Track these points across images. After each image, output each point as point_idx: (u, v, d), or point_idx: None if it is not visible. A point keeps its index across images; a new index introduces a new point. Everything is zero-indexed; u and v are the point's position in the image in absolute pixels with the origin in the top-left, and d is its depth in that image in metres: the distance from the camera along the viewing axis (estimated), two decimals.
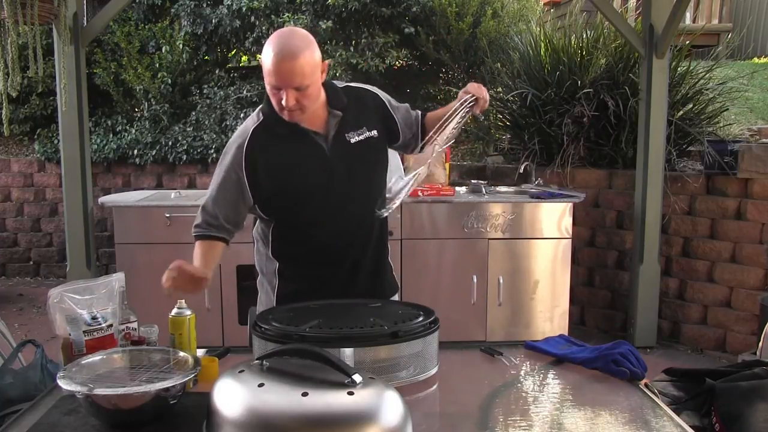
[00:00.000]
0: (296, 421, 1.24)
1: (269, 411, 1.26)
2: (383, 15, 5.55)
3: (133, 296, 2.02)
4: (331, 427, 1.24)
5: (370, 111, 2.05)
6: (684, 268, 4.33)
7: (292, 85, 1.80)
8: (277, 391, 1.31)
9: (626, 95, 4.51)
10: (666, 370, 2.31)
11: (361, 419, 1.25)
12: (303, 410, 1.24)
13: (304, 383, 1.31)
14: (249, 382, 1.34)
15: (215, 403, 1.35)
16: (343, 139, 1.96)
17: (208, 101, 5.75)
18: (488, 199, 4.03)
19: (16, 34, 3.07)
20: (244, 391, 1.32)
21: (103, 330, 1.86)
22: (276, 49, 1.79)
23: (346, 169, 1.97)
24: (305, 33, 1.86)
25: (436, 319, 1.74)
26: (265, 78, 1.83)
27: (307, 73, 1.81)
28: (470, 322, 4.02)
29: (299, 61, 1.79)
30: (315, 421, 1.24)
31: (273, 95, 1.85)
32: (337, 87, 2.03)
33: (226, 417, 1.30)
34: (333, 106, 1.96)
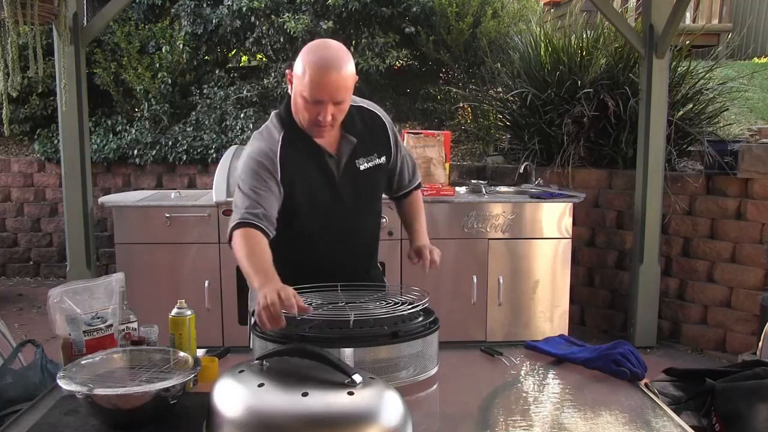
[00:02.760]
0: (296, 421, 1.24)
1: (269, 411, 1.27)
2: (383, 15, 5.55)
3: (133, 296, 2.02)
4: (331, 428, 1.24)
5: (380, 137, 2.03)
6: (684, 268, 4.33)
7: (335, 99, 1.78)
8: (277, 391, 1.31)
9: (626, 95, 4.51)
10: (666, 370, 2.31)
11: (362, 419, 1.25)
12: (303, 410, 1.24)
13: (304, 383, 1.31)
14: (249, 382, 1.34)
15: (215, 403, 1.35)
16: (353, 166, 1.95)
17: (208, 101, 5.75)
18: (488, 199, 4.03)
19: (16, 34, 3.07)
20: (244, 391, 1.32)
21: (103, 330, 1.86)
22: (321, 61, 1.75)
23: (353, 196, 1.97)
24: (341, 45, 1.83)
25: (436, 319, 1.74)
26: (302, 91, 1.78)
27: (348, 87, 1.80)
28: (470, 322, 4.02)
29: (342, 74, 1.76)
30: (315, 421, 1.24)
31: (307, 110, 1.80)
32: (351, 109, 1.96)
33: (226, 417, 1.30)
34: (347, 130, 1.93)
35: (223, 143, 5.54)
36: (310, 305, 1.66)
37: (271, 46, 5.70)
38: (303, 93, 1.78)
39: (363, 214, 2.03)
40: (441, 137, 4.17)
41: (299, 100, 1.81)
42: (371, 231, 2.09)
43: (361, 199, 1.99)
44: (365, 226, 2.05)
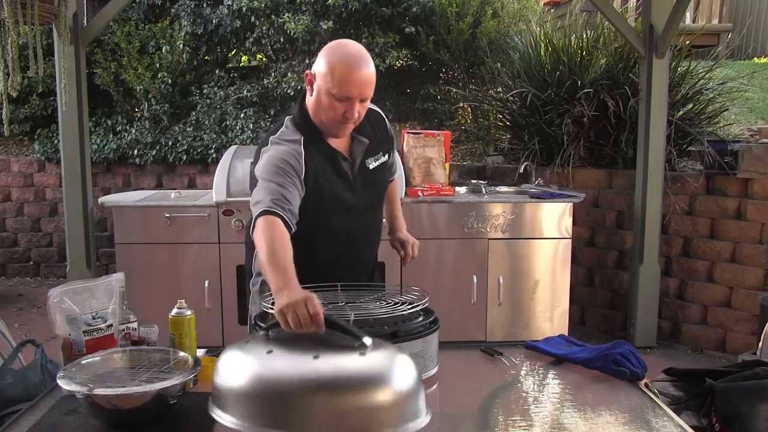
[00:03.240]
0: (310, 384, 1.21)
1: (281, 375, 1.24)
2: (383, 15, 5.55)
3: (133, 296, 2.02)
4: (345, 389, 1.21)
5: (383, 135, 2.08)
6: (684, 268, 4.33)
7: (364, 96, 1.81)
8: (287, 356, 1.29)
9: (626, 95, 4.51)
10: (666, 370, 2.31)
11: (376, 380, 1.24)
12: (315, 373, 1.22)
13: (313, 348, 1.29)
14: (256, 351, 1.31)
15: (221, 374, 1.31)
16: (365, 166, 1.99)
17: (208, 101, 5.75)
18: (488, 199, 4.03)
19: (16, 34, 3.07)
20: (252, 359, 1.29)
21: (103, 330, 1.86)
22: (350, 59, 1.78)
23: (368, 195, 2.02)
24: (360, 45, 1.87)
25: (436, 319, 1.74)
26: (329, 89, 1.78)
27: (374, 84, 1.83)
28: (470, 322, 4.02)
29: (371, 71, 1.81)
30: (328, 384, 1.21)
31: (333, 108, 1.81)
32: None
33: (234, 387, 1.26)
34: (358, 131, 1.95)
35: (223, 143, 5.54)
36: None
37: (271, 46, 5.70)
38: (331, 91, 1.79)
39: (376, 210, 2.09)
40: (441, 137, 4.17)
41: (324, 99, 1.82)
42: (375, 231, 2.14)
43: (374, 197, 2.06)
44: (378, 221, 2.11)
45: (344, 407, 1.21)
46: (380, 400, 1.23)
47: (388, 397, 1.23)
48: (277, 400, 1.22)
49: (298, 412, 1.20)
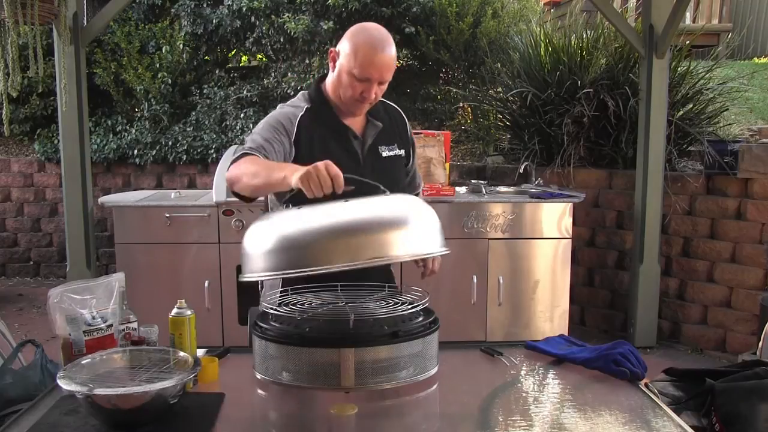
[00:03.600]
0: (352, 222, 1.45)
1: (323, 221, 1.45)
2: (383, 15, 5.55)
3: (133, 296, 2.02)
4: (382, 220, 1.47)
5: (401, 131, 2.12)
6: (684, 268, 4.33)
7: (383, 78, 1.87)
8: (320, 208, 1.49)
9: (626, 95, 4.51)
10: (666, 370, 2.31)
11: (406, 211, 1.53)
12: (353, 213, 1.46)
13: (339, 198, 1.50)
14: (287, 213, 1.54)
15: (257, 238, 1.53)
16: (377, 151, 2.02)
17: (208, 101, 5.75)
18: (488, 199, 4.03)
19: (16, 34, 3.06)
20: (290, 215, 1.52)
21: (103, 330, 1.86)
22: (374, 41, 1.84)
23: (377, 180, 1.97)
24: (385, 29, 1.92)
25: (436, 319, 1.74)
26: (350, 68, 1.85)
27: (393, 68, 1.89)
28: (470, 322, 4.02)
29: (393, 54, 1.87)
30: (366, 221, 1.46)
31: (353, 86, 1.88)
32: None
33: (278, 241, 1.47)
34: (372, 115, 2.01)
35: (223, 143, 5.54)
36: (310, 304, 1.67)
37: (271, 46, 5.70)
38: (352, 70, 1.85)
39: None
40: (441, 137, 4.17)
41: (345, 77, 1.88)
42: None
43: (386, 185, 2.02)
44: None
45: (381, 237, 1.46)
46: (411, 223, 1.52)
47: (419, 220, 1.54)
48: (330, 236, 1.46)
49: (345, 243, 1.45)
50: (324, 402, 1.59)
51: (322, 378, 1.58)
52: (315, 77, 5.47)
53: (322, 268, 1.44)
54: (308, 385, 1.61)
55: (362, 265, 1.46)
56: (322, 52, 5.57)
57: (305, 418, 1.62)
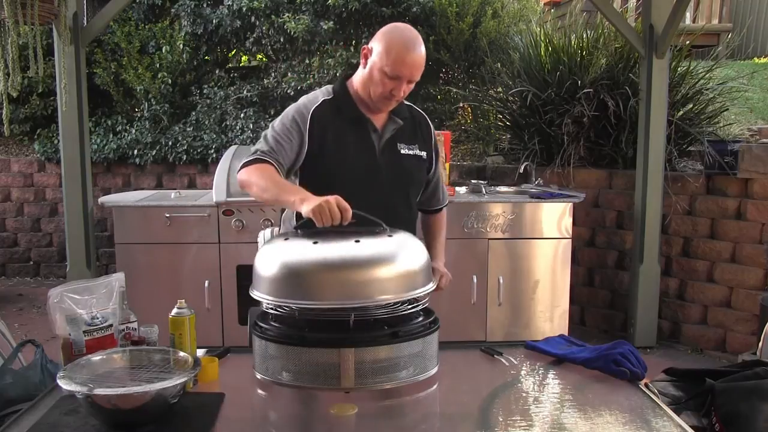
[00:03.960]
0: (364, 259, 1.59)
1: (335, 258, 1.58)
2: (383, 15, 5.55)
3: (133, 296, 2.02)
4: (387, 259, 1.61)
5: (425, 135, 2.16)
6: (684, 268, 4.33)
7: (413, 77, 1.93)
8: (333, 243, 1.61)
9: (626, 95, 4.51)
10: (666, 370, 2.31)
11: (405, 251, 1.67)
12: (364, 253, 1.60)
13: (349, 236, 1.64)
14: (302, 242, 1.64)
15: (269, 263, 1.62)
16: (395, 147, 2.06)
17: (208, 101, 5.75)
18: (488, 199, 4.03)
19: (17, 34, 3.06)
20: (304, 246, 1.62)
21: (103, 330, 1.86)
22: (406, 40, 1.91)
23: (392, 175, 2.05)
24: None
25: (436, 319, 1.74)
26: (382, 66, 1.91)
27: (423, 68, 1.95)
28: (470, 322, 4.02)
29: (423, 54, 1.93)
30: (375, 258, 1.60)
31: (383, 84, 1.93)
32: (402, 102, 2.11)
33: (292, 268, 1.59)
34: (394, 113, 2.06)
35: (223, 143, 5.54)
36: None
37: (271, 46, 5.70)
38: (384, 68, 1.91)
39: (397, 199, 2.09)
40: (441, 137, 4.15)
41: (376, 74, 1.93)
42: (406, 223, 2.07)
43: (398, 183, 2.07)
44: (398, 214, 2.07)
45: (388, 272, 1.60)
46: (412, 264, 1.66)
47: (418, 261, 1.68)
48: (338, 272, 1.59)
49: (350, 278, 1.58)
50: (324, 402, 1.59)
51: (322, 378, 1.58)
52: (314, 76, 5.47)
53: (312, 303, 1.58)
54: (308, 385, 1.61)
55: (350, 304, 1.57)
56: (322, 52, 5.57)
57: (305, 418, 1.62)
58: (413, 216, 2.17)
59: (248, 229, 3.86)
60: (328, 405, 1.56)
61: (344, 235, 1.65)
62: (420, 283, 1.66)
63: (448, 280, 2.17)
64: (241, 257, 3.87)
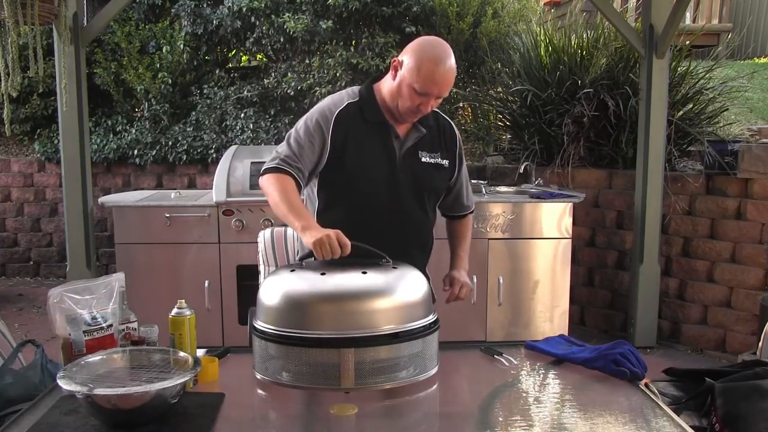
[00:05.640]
0: (370, 289, 1.65)
1: (344, 289, 1.65)
2: (384, 15, 5.55)
3: (133, 296, 2.02)
4: (392, 290, 1.67)
5: (449, 143, 2.17)
6: (684, 268, 4.33)
7: (442, 94, 1.95)
8: (340, 274, 1.68)
9: (626, 95, 4.51)
10: (666, 370, 2.31)
11: (408, 283, 1.72)
12: (371, 284, 1.66)
13: (355, 267, 1.70)
14: (311, 273, 1.70)
15: (275, 293, 1.66)
16: (416, 154, 2.06)
17: (208, 101, 5.75)
18: (488, 199, 4.03)
19: (17, 34, 3.07)
20: (313, 278, 1.67)
21: (103, 330, 1.86)
22: (437, 58, 1.91)
23: (411, 182, 2.05)
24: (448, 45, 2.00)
25: (437, 319, 1.74)
26: (411, 81, 1.91)
27: (452, 84, 1.97)
28: (470, 322, 4.02)
29: (453, 72, 1.95)
30: (380, 289, 1.66)
31: (411, 99, 1.93)
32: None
33: (300, 299, 1.64)
34: (419, 121, 2.06)
35: (223, 143, 5.54)
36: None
37: (271, 46, 5.70)
38: (413, 84, 1.91)
39: (416, 206, 2.09)
40: None
41: (405, 90, 1.94)
42: (421, 229, 2.12)
43: (417, 191, 2.07)
44: (416, 221, 2.10)
45: (392, 302, 1.66)
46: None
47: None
48: (343, 303, 1.64)
49: (356, 308, 1.63)
50: (324, 402, 1.59)
51: (322, 378, 1.58)
52: (314, 76, 5.47)
53: (310, 332, 1.60)
54: (308, 385, 1.61)
55: (349, 335, 1.59)
56: (322, 51, 5.56)
57: (305, 418, 1.62)
58: (429, 222, 2.16)
59: (248, 229, 3.86)
60: (328, 405, 1.56)
61: (351, 267, 1.71)
62: (419, 315, 1.68)
63: (468, 290, 2.18)
64: (241, 257, 3.88)
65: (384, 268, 1.75)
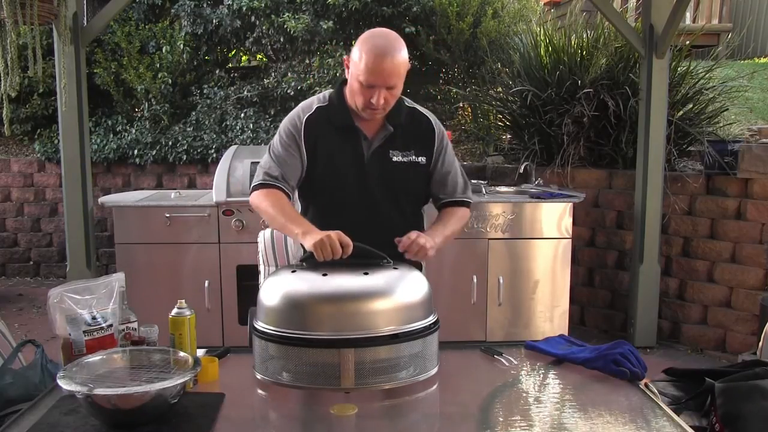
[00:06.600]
0: (373, 289, 1.67)
1: (344, 290, 1.66)
2: (383, 15, 5.55)
3: (133, 296, 2.02)
4: (392, 291, 1.69)
5: (424, 137, 2.10)
6: (684, 268, 4.33)
7: (388, 84, 1.89)
8: (342, 275, 1.69)
9: (626, 95, 4.51)
10: (666, 370, 2.31)
11: (407, 281, 1.73)
12: (371, 285, 1.67)
13: (357, 268, 1.71)
14: (312, 275, 1.70)
15: (276, 295, 1.66)
16: (386, 154, 2.03)
17: (208, 101, 5.75)
18: (488, 199, 4.03)
19: (16, 34, 3.07)
20: (315, 279, 1.68)
21: (103, 330, 1.86)
22: (377, 49, 1.87)
23: (381, 183, 2.03)
24: (396, 34, 1.94)
25: (437, 320, 1.74)
26: (357, 75, 1.89)
27: (402, 74, 1.91)
28: (470, 322, 4.02)
29: (398, 60, 1.88)
30: (382, 289, 1.68)
31: (362, 93, 1.91)
32: (402, 103, 2.07)
33: (302, 300, 1.65)
34: (388, 119, 2.03)
35: (223, 143, 5.54)
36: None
37: (271, 46, 5.70)
38: (359, 78, 1.89)
39: (391, 207, 2.06)
40: None
41: (355, 85, 1.92)
42: (397, 231, 1.98)
43: (389, 190, 2.04)
44: (391, 222, 2.04)
45: (393, 303, 1.67)
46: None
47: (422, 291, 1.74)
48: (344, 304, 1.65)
49: (356, 309, 1.64)
50: (324, 402, 1.59)
51: (322, 378, 1.59)
52: (314, 76, 5.47)
53: (310, 333, 1.61)
54: (308, 386, 1.61)
55: (349, 335, 1.59)
56: (322, 51, 5.57)
57: (305, 418, 1.62)
58: (408, 223, 2.06)
59: (248, 229, 3.86)
60: (328, 405, 1.56)
61: (352, 268, 1.73)
62: (419, 316, 1.69)
63: (419, 249, 1.89)
64: (241, 257, 3.88)
65: (385, 268, 1.74)
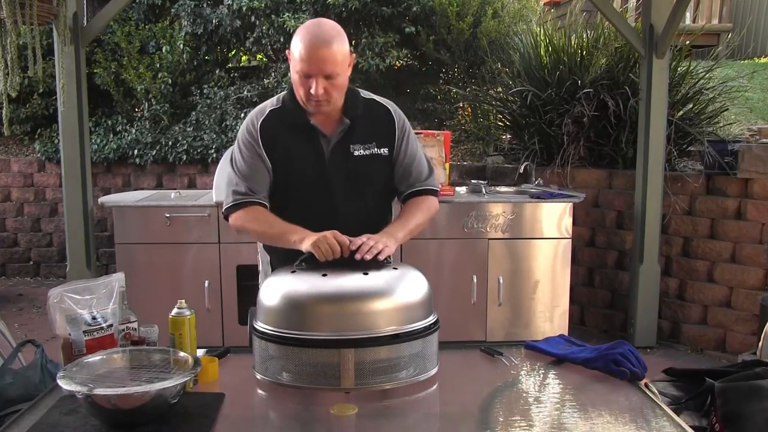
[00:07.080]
0: (371, 289, 1.67)
1: (344, 291, 1.66)
2: (383, 15, 5.55)
3: (133, 296, 2.02)
4: (391, 291, 1.69)
5: (384, 128, 2.03)
6: (684, 268, 4.33)
7: (323, 72, 1.84)
8: (341, 275, 1.69)
9: (626, 95, 4.51)
10: (666, 370, 2.31)
11: (407, 281, 1.75)
12: (371, 285, 1.67)
13: (356, 268, 1.71)
14: (311, 276, 1.70)
15: (277, 295, 1.67)
16: (347, 149, 1.98)
17: (208, 101, 5.75)
18: (488, 199, 4.02)
19: (16, 34, 3.07)
20: (314, 280, 1.68)
21: (103, 330, 1.86)
22: (309, 36, 1.84)
23: (344, 180, 1.98)
24: (335, 23, 1.91)
25: (437, 320, 1.74)
26: (295, 66, 1.86)
27: (338, 61, 1.85)
28: (470, 322, 4.01)
29: (331, 49, 1.83)
30: (381, 291, 1.68)
31: (302, 85, 1.88)
32: (357, 95, 2.02)
33: (302, 301, 1.65)
34: (345, 113, 1.98)
35: (223, 143, 5.54)
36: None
37: (271, 46, 5.70)
38: (296, 68, 1.87)
39: (354, 206, 2.00)
40: (441, 137, 4.16)
41: (295, 77, 1.89)
42: (366, 227, 1.91)
43: (352, 186, 1.99)
44: (359, 219, 1.98)
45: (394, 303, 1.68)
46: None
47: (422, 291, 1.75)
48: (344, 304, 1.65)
49: (356, 309, 1.64)
50: (324, 402, 1.59)
51: (322, 378, 1.59)
52: None
53: (310, 334, 1.61)
54: (308, 386, 1.61)
55: (349, 336, 1.59)
56: None
57: (305, 418, 1.62)
58: (376, 221, 1.99)
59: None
60: (328, 405, 1.56)
61: (352, 268, 1.72)
62: (419, 316, 1.69)
63: (369, 248, 1.76)
64: (241, 257, 3.87)
65: (385, 269, 1.74)
